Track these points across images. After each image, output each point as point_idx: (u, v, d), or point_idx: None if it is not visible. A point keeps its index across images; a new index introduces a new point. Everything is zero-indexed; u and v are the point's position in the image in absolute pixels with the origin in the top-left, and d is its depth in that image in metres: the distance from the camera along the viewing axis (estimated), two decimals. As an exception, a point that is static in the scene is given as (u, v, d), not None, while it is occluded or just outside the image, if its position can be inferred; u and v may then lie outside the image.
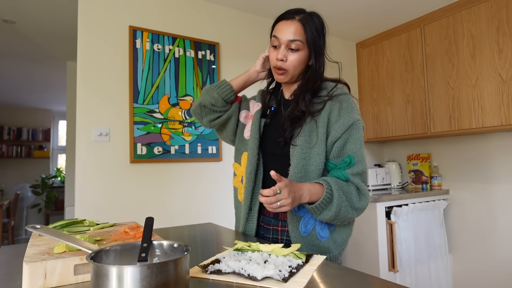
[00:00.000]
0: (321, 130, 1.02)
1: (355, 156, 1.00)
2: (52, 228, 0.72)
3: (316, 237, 1.03)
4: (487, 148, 2.62)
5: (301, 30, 1.02)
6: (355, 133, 1.01)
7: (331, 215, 0.95)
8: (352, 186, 0.98)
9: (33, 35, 3.09)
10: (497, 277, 2.52)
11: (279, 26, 1.05)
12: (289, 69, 1.04)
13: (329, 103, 1.04)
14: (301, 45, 1.02)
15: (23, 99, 5.69)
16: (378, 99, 3.15)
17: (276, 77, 1.08)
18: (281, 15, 1.07)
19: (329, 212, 0.94)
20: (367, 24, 2.96)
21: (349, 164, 0.99)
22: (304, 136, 1.03)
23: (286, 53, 1.03)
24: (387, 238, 2.45)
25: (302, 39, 1.02)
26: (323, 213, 0.95)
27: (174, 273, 0.52)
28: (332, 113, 1.03)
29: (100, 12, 2.09)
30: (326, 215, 0.95)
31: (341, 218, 0.97)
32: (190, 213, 2.28)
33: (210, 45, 2.46)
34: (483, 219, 2.62)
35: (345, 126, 1.00)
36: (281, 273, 0.67)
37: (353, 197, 0.97)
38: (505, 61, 2.26)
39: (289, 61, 1.03)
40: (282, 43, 1.03)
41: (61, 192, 5.91)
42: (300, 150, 1.01)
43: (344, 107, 1.03)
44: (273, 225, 1.10)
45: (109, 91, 2.08)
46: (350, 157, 1.00)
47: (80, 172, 1.96)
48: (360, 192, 0.99)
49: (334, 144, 1.01)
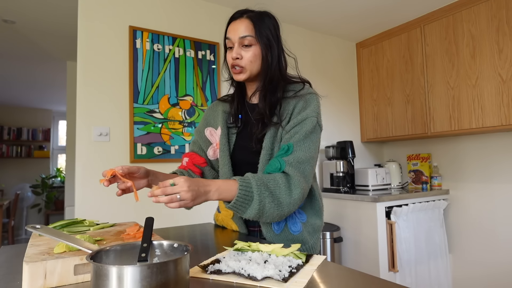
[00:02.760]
0: None
1: (294, 145, 0.98)
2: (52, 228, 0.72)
3: (289, 232, 1.05)
4: (487, 148, 2.62)
5: (250, 26, 1.03)
6: (304, 127, 1.00)
7: (254, 213, 0.90)
8: (282, 179, 0.93)
9: (33, 35, 3.09)
10: (497, 277, 2.52)
11: (229, 28, 1.07)
12: (246, 66, 1.04)
13: (293, 102, 1.04)
14: (253, 40, 1.03)
15: (23, 99, 5.69)
16: (378, 99, 3.15)
17: (235, 76, 1.07)
18: (230, 17, 1.10)
19: (251, 210, 0.90)
20: (367, 24, 2.96)
21: (286, 152, 0.97)
22: (270, 138, 1.03)
23: (240, 50, 1.03)
24: (387, 238, 2.45)
25: (252, 34, 1.02)
26: (246, 211, 0.91)
27: (174, 273, 0.52)
28: (294, 110, 1.04)
29: (100, 12, 2.09)
30: (250, 213, 0.91)
31: (268, 215, 0.92)
32: (190, 213, 2.28)
33: (210, 45, 2.46)
34: (483, 219, 2.62)
35: (298, 121, 1.01)
36: (281, 273, 0.67)
37: (282, 191, 0.92)
38: (505, 61, 2.26)
39: (245, 58, 1.03)
40: (235, 42, 1.04)
41: (61, 192, 5.91)
42: (265, 153, 1.03)
43: (307, 105, 1.03)
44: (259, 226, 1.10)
45: (109, 91, 2.08)
46: (289, 145, 0.98)
47: (80, 172, 1.96)
48: (292, 183, 0.94)
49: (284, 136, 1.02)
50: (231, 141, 1.13)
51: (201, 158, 1.19)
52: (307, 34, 3.05)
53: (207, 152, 1.20)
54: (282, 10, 2.65)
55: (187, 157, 1.20)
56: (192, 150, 1.23)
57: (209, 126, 1.20)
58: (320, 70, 3.09)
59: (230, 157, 1.11)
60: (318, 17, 2.80)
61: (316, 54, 3.09)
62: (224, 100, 1.21)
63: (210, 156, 1.19)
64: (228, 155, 1.10)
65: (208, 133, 1.20)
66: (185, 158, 1.21)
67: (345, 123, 3.24)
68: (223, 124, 1.14)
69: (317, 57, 3.09)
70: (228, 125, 1.14)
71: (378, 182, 2.88)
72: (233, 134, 1.13)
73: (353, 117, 3.30)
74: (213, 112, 1.22)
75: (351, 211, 2.61)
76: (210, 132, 1.19)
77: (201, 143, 1.21)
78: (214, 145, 1.18)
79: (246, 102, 1.16)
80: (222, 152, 1.11)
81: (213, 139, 1.18)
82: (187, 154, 1.22)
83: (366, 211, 2.50)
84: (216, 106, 1.22)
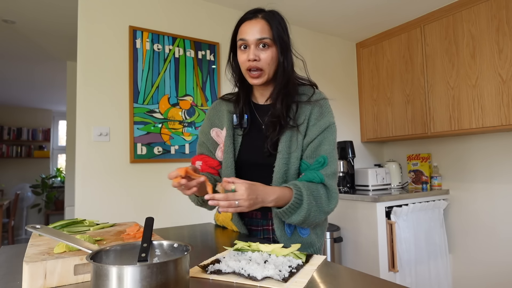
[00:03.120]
0: (301, 135, 1.04)
1: (328, 157, 1.01)
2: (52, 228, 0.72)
3: (299, 235, 1.06)
4: (487, 148, 2.62)
5: (267, 27, 1.00)
6: (330, 135, 1.04)
7: (300, 219, 0.95)
8: (323, 190, 0.99)
9: (33, 35, 3.09)
10: (497, 277, 2.52)
11: (243, 28, 1.03)
12: (265, 68, 1.01)
13: (309, 107, 1.05)
14: (270, 42, 1.00)
15: (23, 99, 5.69)
16: (378, 99, 3.15)
17: (251, 81, 1.04)
18: (242, 18, 1.05)
19: (298, 216, 0.94)
20: (367, 24, 2.96)
21: (322, 165, 1.00)
22: (285, 142, 1.02)
23: (257, 52, 1.00)
24: (387, 238, 2.45)
25: (269, 36, 1.00)
26: (291, 217, 0.95)
27: (174, 273, 0.52)
28: (311, 116, 1.05)
29: (100, 12, 2.09)
30: (295, 219, 0.95)
31: (309, 222, 0.98)
32: (190, 213, 2.28)
33: (210, 45, 2.46)
34: (483, 219, 2.62)
35: (321, 128, 1.03)
36: (281, 273, 0.67)
37: (323, 201, 0.98)
38: (505, 61, 2.26)
39: (263, 60, 1.00)
40: (251, 43, 1.00)
41: (61, 192, 5.91)
42: (282, 156, 1.02)
43: (323, 111, 1.05)
44: (262, 225, 1.10)
45: (109, 91, 2.08)
46: (324, 158, 1.01)
47: (80, 172, 1.96)
48: (331, 195, 1.00)
49: (309, 144, 1.03)
50: (237, 142, 1.10)
51: (214, 160, 1.16)
52: (307, 34, 3.05)
53: (215, 153, 1.16)
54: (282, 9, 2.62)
55: (200, 160, 1.17)
56: (201, 153, 1.19)
57: (214, 126, 1.17)
58: (320, 70, 3.09)
59: (235, 158, 1.09)
60: (318, 17, 2.80)
61: (316, 54, 3.09)
62: (228, 99, 1.17)
63: (218, 157, 1.16)
64: (232, 157, 1.08)
65: (214, 134, 1.16)
66: (198, 161, 1.17)
67: (345, 123, 3.24)
68: (228, 125, 1.11)
69: (317, 57, 3.09)
70: (233, 126, 1.11)
71: (378, 182, 2.88)
72: (239, 135, 1.11)
73: (353, 117, 3.30)
74: (217, 112, 1.18)
75: (351, 211, 2.61)
76: (216, 133, 1.16)
77: (208, 145, 1.17)
78: (221, 145, 1.15)
79: (252, 103, 1.14)
80: (226, 154, 1.09)
81: (219, 140, 1.16)
82: (199, 157, 1.18)
83: (366, 211, 2.50)
84: (220, 106, 1.18)
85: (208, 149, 1.18)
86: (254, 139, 1.09)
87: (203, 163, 1.16)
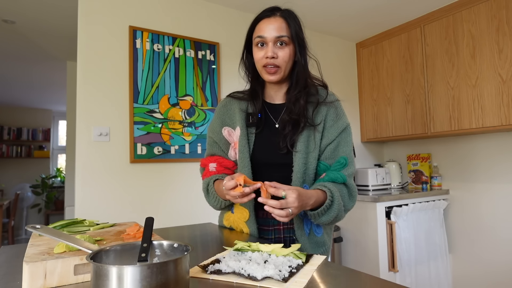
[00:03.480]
0: (318, 135, 1.05)
1: (348, 157, 1.05)
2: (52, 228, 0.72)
3: (314, 235, 1.07)
4: (487, 148, 2.62)
5: (285, 25, 1.02)
6: (347, 136, 1.07)
7: (329, 219, 0.98)
8: (345, 189, 1.02)
9: (33, 35, 3.09)
10: (497, 277, 2.52)
11: (261, 26, 1.03)
12: (281, 65, 1.02)
13: (325, 108, 1.08)
14: (288, 40, 1.02)
15: (23, 99, 5.69)
16: (378, 99, 3.15)
17: (267, 77, 1.04)
18: (260, 15, 1.06)
19: (327, 217, 0.97)
20: (367, 24, 2.96)
21: (344, 165, 1.03)
22: (304, 142, 1.03)
23: (275, 49, 1.01)
24: (387, 238, 2.45)
25: (287, 35, 1.02)
26: (322, 218, 0.98)
27: (174, 273, 0.52)
28: (328, 117, 1.07)
29: (100, 12, 2.09)
30: (325, 219, 0.98)
31: (335, 221, 1.02)
32: (190, 213, 2.28)
33: (210, 45, 2.46)
34: (483, 219, 2.62)
35: (339, 130, 1.06)
36: (281, 273, 0.67)
37: (346, 200, 1.02)
38: (505, 61, 2.26)
39: (280, 57, 1.01)
40: (269, 41, 1.01)
41: (61, 192, 5.91)
42: (301, 156, 1.02)
43: (338, 112, 1.09)
44: (273, 225, 1.09)
45: (109, 91, 2.08)
46: (344, 159, 1.04)
47: (80, 172, 1.96)
48: (351, 194, 1.04)
49: (328, 146, 1.05)
50: (250, 141, 1.09)
51: (229, 161, 1.14)
52: (307, 34, 3.05)
53: (228, 153, 1.14)
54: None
55: (214, 162, 1.14)
56: (214, 153, 1.16)
57: (225, 125, 1.14)
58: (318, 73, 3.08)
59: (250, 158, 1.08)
60: (318, 17, 2.80)
61: (316, 54, 3.08)
62: (239, 98, 1.15)
63: (232, 157, 1.14)
64: (248, 157, 1.06)
65: (226, 133, 1.14)
66: (212, 163, 1.14)
67: (345, 123, 3.24)
68: (242, 123, 1.09)
69: (317, 57, 3.08)
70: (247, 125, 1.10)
71: (378, 182, 2.88)
72: (252, 134, 1.09)
73: (353, 117, 3.30)
74: (228, 111, 1.15)
75: (351, 211, 2.59)
76: (228, 132, 1.14)
77: (220, 144, 1.15)
78: (233, 145, 1.13)
79: (264, 102, 1.13)
80: (241, 153, 1.07)
81: (231, 139, 1.13)
82: (211, 158, 1.15)
83: (366, 211, 2.50)
84: (231, 104, 1.16)
85: (220, 149, 1.15)
86: (267, 138, 1.08)
87: (218, 165, 1.14)
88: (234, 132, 1.12)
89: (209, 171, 1.14)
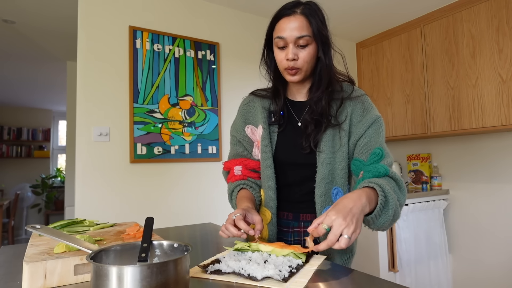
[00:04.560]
0: (344, 133, 0.99)
1: (383, 147, 0.96)
2: (52, 228, 0.72)
3: None
4: (487, 148, 2.62)
5: (306, 24, 0.95)
6: (378, 128, 0.98)
7: (387, 220, 0.84)
8: (392, 182, 0.90)
9: (33, 35, 3.09)
10: (497, 277, 2.52)
11: (280, 25, 0.96)
12: (302, 67, 0.97)
13: (350, 104, 1.01)
14: (310, 39, 0.95)
15: (23, 99, 5.69)
16: (378, 99, 3.15)
17: (289, 78, 1.00)
18: (279, 13, 0.98)
19: (385, 217, 0.84)
20: (367, 24, 2.96)
21: (381, 157, 0.93)
22: (328, 141, 0.98)
23: (296, 51, 0.96)
24: (387, 238, 2.45)
25: (309, 33, 0.95)
26: (380, 219, 0.84)
27: (174, 273, 0.52)
28: (354, 113, 1.00)
29: (100, 12, 2.09)
30: (383, 220, 0.84)
31: (394, 219, 0.87)
32: (190, 213, 2.28)
33: (210, 45, 2.46)
34: (483, 219, 2.62)
35: (369, 123, 0.98)
36: (281, 273, 0.67)
37: (398, 194, 0.89)
38: (505, 61, 2.26)
39: (301, 59, 0.96)
40: (290, 42, 0.95)
41: (61, 192, 5.91)
42: (325, 156, 0.97)
43: (366, 107, 1.01)
44: (293, 227, 1.06)
45: (109, 91, 2.08)
46: (380, 149, 0.94)
47: (80, 172, 1.96)
48: (400, 186, 0.91)
49: (358, 141, 0.98)
50: (272, 140, 1.06)
51: (254, 161, 1.10)
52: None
53: (252, 152, 1.11)
54: (282, 10, 2.64)
55: (240, 165, 1.10)
56: (238, 154, 1.13)
57: (248, 123, 1.12)
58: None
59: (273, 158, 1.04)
60: (318, 17, 2.80)
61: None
62: (262, 96, 1.12)
63: (256, 156, 1.10)
64: (270, 156, 1.04)
65: (249, 131, 1.11)
66: (236, 166, 1.10)
67: (345, 123, 3.24)
68: (264, 122, 1.06)
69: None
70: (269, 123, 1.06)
71: (378, 182, 2.87)
72: (274, 132, 1.06)
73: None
74: (250, 109, 1.13)
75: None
76: (252, 130, 1.11)
77: (244, 143, 1.12)
78: (256, 143, 1.10)
79: (287, 99, 1.10)
80: (264, 153, 1.04)
81: (254, 138, 1.10)
82: (237, 161, 1.11)
83: (366, 211, 2.50)
84: (253, 102, 1.13)
85: (244, 148, 1.12)
86: (290, 137, 1.05)
87: (243, 168, 1.10)
88: (257, 130, 1.10)
89: (234, 175, 1.10)
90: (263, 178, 1.07)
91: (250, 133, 1.11)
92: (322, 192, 0.98)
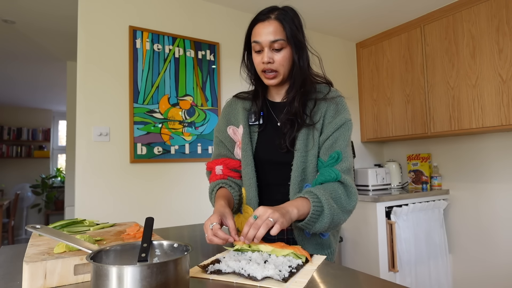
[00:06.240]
0: (317, 133, 1.04)
1: (342, 152, 1.00)
2: (52, 228, 0.72)
3: (319, 236, 1.05)
4: (487, 148, 2.62)
5: (280, 28, 0.99)
6: (345, 132, 1.03)
7: (325, 226, 0.91)
8: (341, 188, 0.96)
9: (33, 35, 3.09)
10: (497, 277, 2.52)
11: (256, 30, 1.02)
12: (279, 69, 1.02)
13: (325, 105, 1.05)
14: (284, 43, 1.00)
15: (24, 99, 5.69)
16: (378, 99, 3.15)
17: (267, 81, 1.05)
18: (255, 18, 1.04)
19: (321, 224, 0.91)
20: (367, 24, 2.96)
21: (336, 160, 0.99)
22: (302, 140, 1.03)
23: (271, 54, 1.00)
24: (387, 238, 2.45)
25: (283, 37, 0.99)
26: (315, 226, 0.92)
27: (174, 273, 0.52)
28: (327, 114, 1.05)
29: (100, 12, 2.09)
30: (319, 227, 0.92)
31: (334, 226, 0.95)
32: (190, 213, 2.28)
33: (210, 45, 2.46)
34: (483, 219, 2.62)
35: (337, 125, 1.02)
36: (281, 273, 0.67)
37: (343, 201, 0.95)
38: (505, 61, 2.26)
39: (276, 62, 1.01)
40: (265, 46, 1.00)
41: (61, 192, 5.91)
42: (300, 154, 1.02)
43: (339, 108, 1.06)
44: None
45: (109, 91, 2.08)
46: (337, 153, 1.00)
47: (80, 172, 1.96)
48: (350, 192, 0.97)
49: (325, 142, 1.03)
50: (253, 139, 1.10)
51: (235, 160, 1.14)
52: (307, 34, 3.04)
53: (234, 152, 1.15)
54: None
55: (221, 164, 1.13)
56: (220, 154, 1.16)
57: (230, 124, 1.16)
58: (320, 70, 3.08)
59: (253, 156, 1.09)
60: (318, 17, 2.80)
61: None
62: (244, 97, 1.17)
63: (237, 155, 1.14)
64: (251, 155, 1.08)
65: (231, 131, 1.15)
66: (218, 166, 1.14)
67: (345, 123, 3.24)
68: (244, 122, 1.11)
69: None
70: (249, 124, 1.11)
71: (378, 182, 2.88)
72: (254, 132, 1.11)
73: (353, 117, 3.26)
74: (232, 110, 1.18)
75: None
76: (233, 130, 1.15)
77: (226, 143, 1.16)
78: (238, 143, 1.14)
79: (267, 100, 1.15)
80: (244, 151, 1.08)
81: (236, 138, 1.15)
82: (218, 160, 1.15)
83: (366, 211, 2.50)
84: (235, 104, 1.18)
85: (226, 148, 1.16)
86: (270, 137, 1.09)
87: (224, 167, 1.13)
88: (238, 130, 1.14)
89: (215, 175, 1.14)
90: (244, 176, 1.10)
91: (232, 133, 1.15)
92: (296, 189, 1.02)
